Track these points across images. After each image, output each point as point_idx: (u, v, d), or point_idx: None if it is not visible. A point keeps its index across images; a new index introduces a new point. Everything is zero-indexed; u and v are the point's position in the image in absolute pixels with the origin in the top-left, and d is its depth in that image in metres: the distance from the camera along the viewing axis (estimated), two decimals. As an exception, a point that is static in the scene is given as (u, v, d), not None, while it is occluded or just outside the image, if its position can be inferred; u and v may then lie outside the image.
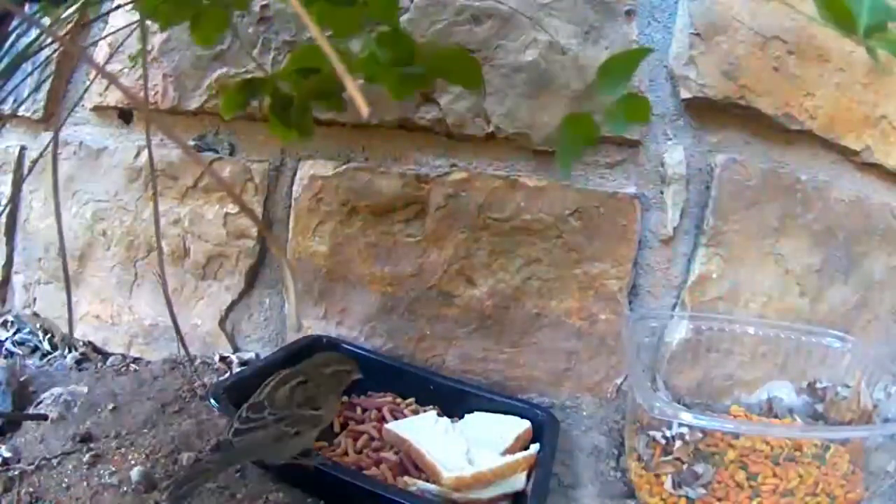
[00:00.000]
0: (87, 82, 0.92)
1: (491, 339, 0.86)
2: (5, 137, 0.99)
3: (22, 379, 0.81)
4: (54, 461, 0.65)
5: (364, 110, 0.24)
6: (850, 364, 0.81)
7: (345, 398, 0.80)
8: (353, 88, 0.25)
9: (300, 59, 0.56)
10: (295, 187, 0.87)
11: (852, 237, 0.88)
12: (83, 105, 0.93)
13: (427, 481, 0.65)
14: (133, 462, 0.65)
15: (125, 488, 0.62)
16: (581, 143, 0.54)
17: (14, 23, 0.55)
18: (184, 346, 0.82)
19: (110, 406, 0.76)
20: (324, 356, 0.71)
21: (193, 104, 0.87)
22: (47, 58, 0.80)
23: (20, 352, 0.94)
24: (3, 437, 0.71)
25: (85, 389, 0.79)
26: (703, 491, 0.66)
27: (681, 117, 0.83)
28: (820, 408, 0.81)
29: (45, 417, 0.73)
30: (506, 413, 0.77)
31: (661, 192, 0.84)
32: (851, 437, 0.74)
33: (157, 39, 0.86)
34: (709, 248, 0.84)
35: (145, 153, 0.90)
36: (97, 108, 0.93)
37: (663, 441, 0.71)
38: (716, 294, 0.85)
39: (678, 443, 0.71)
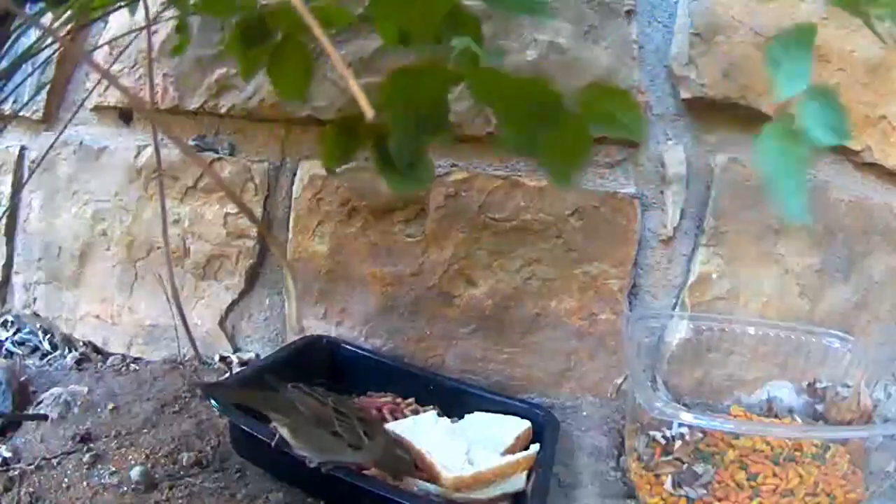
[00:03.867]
0: (88, 82, 0.92)
1: (491, 339, 0.85)
2: (5, 137, 0.99)
3: (22, 379, 0.81)
4: (54, 461, 0.65)
5: (369, 113, 0.24)
6: (850, 364, 0.81)
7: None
8: (357, 90, 0.25)
9: (397, 84, 0.42)
10: (295, 187, 0.87)
11: (852, 237, 0.88)
12: (83, 105, 0.93)
13: (427, 481, 0.65)
14: (133, 462, 0.65)
15: (125, 488, 0.62)
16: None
17: (14, 23, 0.55)
18: (193, 344, 0.82)
19: (110, 406, 0.76)
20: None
21: (194, 104, 0.87)
22: (48, 58, 0.80)
23: (20, 352, 0.94)
24: (3, 437, 0.71)
25: (85, 389, 0.79)
26: (703, 491, 0.66)
27: (681, 117, 0.83)
28: (820, 408, 0.81)
29: (45, 417, 0.73)
30: (506, 413, 0.77)
31: (661, 192, 0.84)
32: (851, 437, 0.74)
33: (156, 39, 0.86)
34: (709, 248, 0.84)
35: (145, 153, 0.90)
36: (97, 108, 0.93)
37: (663, 441, 0.71)
38: (716, 294, 0.85)
39: (678, 443, 0.71)
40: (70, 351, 0.94)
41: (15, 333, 0.97)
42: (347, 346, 0.86)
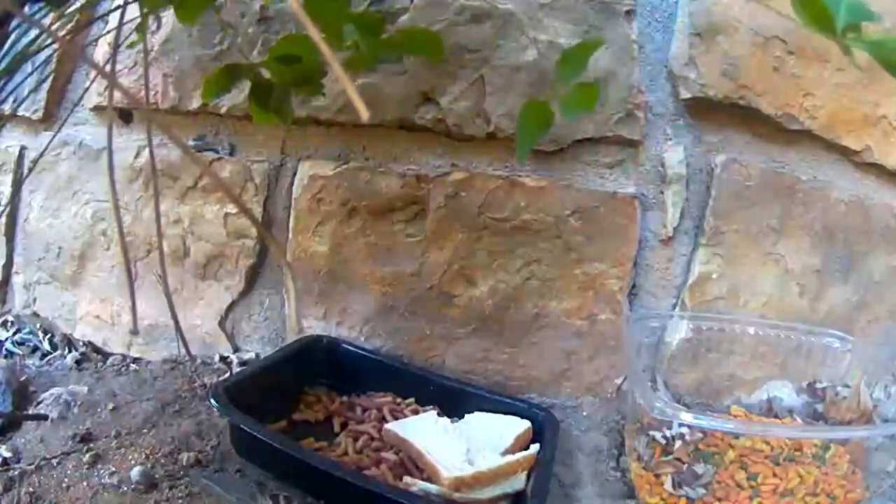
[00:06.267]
0: (88, 82, 0.92)
1: (491, 339, 0.86)
2: (5, 137, 0.99)
3: (22, 379, 0.81)
4: (54, 461, 0.65)
5: (364, 115, 0.24)
6: (850, 364, 0.81)
7: (344, 398, 0.81)
8: (352, 92, 0.25)
9: (282, 47, 0.58)
10: (295, 187, 0.87)
11: (852, 237, 0.88)
12: (83, 105, 0.93)
13: (427, 481, 0.65)
14: (133, 462, 0.65)
15: (125, 488, 0.62)
16: (537, 131, 0.58)
17: (14, 23, 0.55)
18: (185, 344, 0.82)
19: (110, 406, 0.76)
20: None
21: (193, 104, 0.87)
22: (47, 58, 0.80)
23: (20, 352, 0.94)
24: (3, 437, 0.71)
25: (85, 389, 0.79)
26: (703, 491, 0.66)
27: (681, 117, 0.83)
28: (820, 408, 0.81)
29: (45, 417, 0.73)
30: (506, 413, 0.77)
31: (661, 192, 0.84)
32: (851, 437, 0.74)
33: (156, 39, 0.87)
34: (709, 248, 0.84)
35: (145, 153, 0.90)
36: (97, 108, 0.93)
37: (663, 441, 0.71)
38: (716, 294, 0.85)
39: (678, 443, 0.71)
40: (70, 351, 0.94)
41: (15, 333, 0.97)
42: (347, 346, 0.86)
